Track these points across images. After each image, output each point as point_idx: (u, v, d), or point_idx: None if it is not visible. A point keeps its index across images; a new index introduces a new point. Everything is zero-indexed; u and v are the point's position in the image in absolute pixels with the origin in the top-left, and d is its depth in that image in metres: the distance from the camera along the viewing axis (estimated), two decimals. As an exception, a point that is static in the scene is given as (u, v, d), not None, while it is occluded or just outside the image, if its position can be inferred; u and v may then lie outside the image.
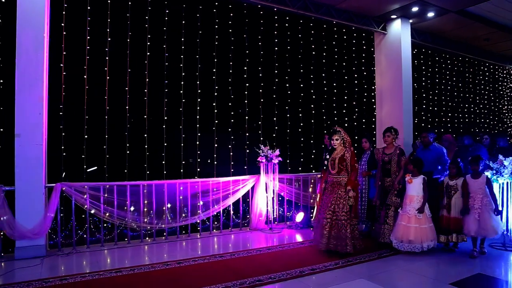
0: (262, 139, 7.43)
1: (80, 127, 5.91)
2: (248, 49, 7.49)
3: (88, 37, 5.98)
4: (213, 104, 7.05)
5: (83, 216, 5.74)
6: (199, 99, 6.89)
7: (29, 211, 5.06)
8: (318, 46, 8.47)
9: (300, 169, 8.00)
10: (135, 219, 5.92)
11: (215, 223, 6.81)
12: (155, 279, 4.34)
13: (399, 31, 8.67)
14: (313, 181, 7.59)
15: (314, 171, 7.99)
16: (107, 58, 6.12)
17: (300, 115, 8.17)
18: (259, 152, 6.84)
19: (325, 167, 5.64)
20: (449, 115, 11.12)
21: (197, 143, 6.83)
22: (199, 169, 6.82)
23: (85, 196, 5.55)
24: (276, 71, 7.85)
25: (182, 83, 6.75)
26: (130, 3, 6.32)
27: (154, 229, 6.11)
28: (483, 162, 5.67)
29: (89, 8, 6.00)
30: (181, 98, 6.74)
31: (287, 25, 8.03)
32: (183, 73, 6.77)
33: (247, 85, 7.45)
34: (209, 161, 6.96)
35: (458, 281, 4.20)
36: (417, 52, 10.06)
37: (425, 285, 4.22)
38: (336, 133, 5.43)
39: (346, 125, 8.81)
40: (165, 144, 6.54)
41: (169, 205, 6.22)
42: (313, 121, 8.32)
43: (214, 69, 7.09)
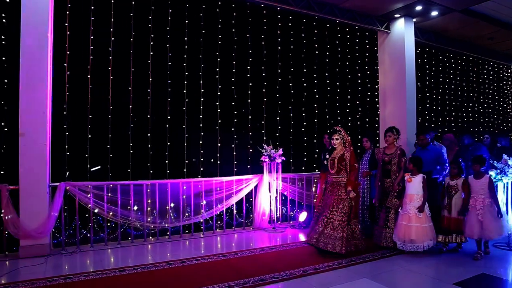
0: (265, 138, 7.43)
1: (83, 127, 5.93)
2: (251, 49, 7.49)
3: (91, 37, 6.00)
4: (216, 103, 7.05)
5: (86, 215, 5.75)
6: (202, 99, 6.90)
7: (33, 210, 5.09)
8: (321, 45, 8.46)
9: (303, 168, 7.99)
10: (138, 218, 5.93)
11: (218, 222, 6.82)
12: (158, 278, 4.35)
13: (403, 30, 8.63)
14: (316, 180, 7.58)
15: (317, 170, 7.98)
16: (110, 57, 6.13)
17: (303, 114, 8.16)
18: (262, 151, 6.83)
19: (322, 167, 5.62)
20: (453, 114, 11.07)
21: (200, 142, 6.84)
22: (202, 169, 6.82)
23: (89, 195, 5.57)
24: (279, 71, 7.84)
25: (185, 82, 6.76)
26: (133, 3, 6.32)
27: (157, 228, 6.13)
28: (487, 162, 5.58)
29: (92, 7, 6.01)
30: (184, 97, 6.74)
31: (290, 24, 8.02)
32: (186, 72, 6.78)
33: (250, 84, 7.45)
34: (212, 160, 6.97)
35: (461, 281, 4.18)
36: (420, 51, 10.02)
37: (429, 285, 4.21)
38: (336, 132, 5.41)
39: (349, 124, 8.80)
40: (168, 143, 6.54)
41: (172, 205, 6.23)
42: (316, 120, 8.31)
43: (217, 69, 7.09)
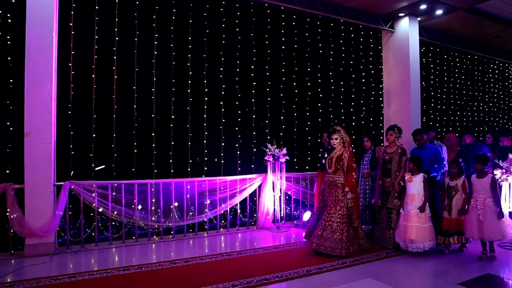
0: (269, 138, 7.42)
1: (88, 126, 5.95)
2: (255, 48, 7.48)
3: (96, 37, 6.01)
4: (220, 103, 7.05)
5: (91, 214, 5.78)
6: (206, 98, 6.90)
7: (38, 209, 5.11)
8: (325, 44, 8.43)
9: (307, 168, 7.98)
10: (142, 217, 5.95)
11: (222, 221, 6.83)
12: (162, 277, 4.36)
13: (407, 29, 8.59)
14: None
15: (321, 170, 7.97)
16: (115, 57, 6.15)
17: (307, 113, 8.14)
18: (266, 151, 6.83)
19: (319, 165, 5.59)
20: (458, 113, 11.01)
21: (204, 142, 6.84)
22: (206, 168, 6.83)
23: (93, 194, 5.59)
24: (283, 70, 7.83)
25: (189, 82, 6.76)
26: (137, 3, 6.34)
27: (161, 227, 6.14)
28: (490, 161, 5.46)
29: (97, 7, 6.03)
30: (188, 97, 6.75)
31: (294, 23, 8.00)
32: (190, 72, 6.78)
33: (254, 84, 7.44)
34: (216, 160, 6.97)
35: (466, 281, 4.16)
36: (425, 50, 9.98)
37: (433, 285, 4.19)
38: (335, 132, 5.38)
39: (353, 124, 8.78)
40: (173, 143, 6.56)
41: (177, 204, 6.24)
42: (320, 119, 8.29)
43: (221, 68, 7.09)
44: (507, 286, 4.24)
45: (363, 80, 9.03)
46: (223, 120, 7.05)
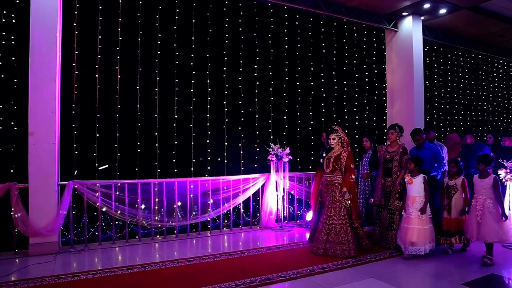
0: (272, 137, 7.42)
1: (91, 126, 5.97)
2: (258, 48, 7.48)
3: (99, 37, 6.03)
4: (223, 102, 7.05)
5: (95, 213, 5.79)
6: (209, 98, 6.91)
7: (42, 209, 5.14)
8: (328, 44, 8.42)
9: (310, 167, 7.96)
10: (146, 217, 5.96)
11: (225, 221, 6.83)
12: (165, 276, 4.37)
13: (411, 29, 8.57)
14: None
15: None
16: (118, 57, 6.16)
17: (310, 113, 8.13)
18: (270, 150, 6.82)
19: (319, 165, 5.55)
20: (462, 113, 10.97)
21: (207, 141, 6.85)
22: (209, 168, 6.83)
23: (97, 194, 5.61)
24: (286, 70, 7.82)
25: (192, 81, 6.77)
26: (141, 3, 6.35)
27: (164, 227, 6.15)
28: (493, 162, 5.31)
29: (100, 7, 6.04)
30: (192, 96, 6.76)
31: (297, 23, 7.99)
32: (193, 72, 6.79)
33: (257, 83, 7.44)
34: (219, 159, 6.98)
35: (470, 281, 4.15)
36: (428, 49, 9.94)
37: (437, 285, 4.18)
38: (333, 132, 5.34)
39: (356, 123, 8.76)
40: (176, 142, 6.56)
41: (180, 203, 6.25)
42: (323, 119, 8.28)
43: (224, 68, 7.09)
44: (511, 287, 4.22)
45: (366, 79, 9.01)
46: (226, 119, 7.06)
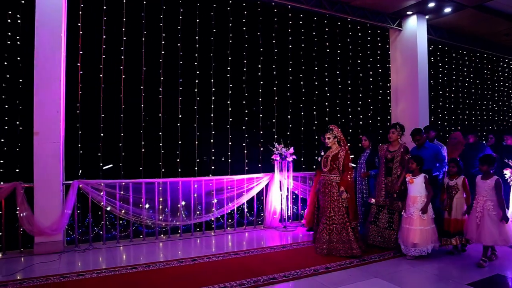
0: (276, 137, 7.42)
1: (96, 125, 5.99)
2: (262, 47, 7.48)
3: (104, 36, 6.05)
4: (227, 102, 7.06)
5: (99, 213, 5.82)
6: (213, 97, 6.91)
7: (47, 208, 5.17)
8: (332, 43, 8.40)
9: (314, 167, 7.92)
10: (150, 216, 5.98)
11: (229, 221, 6.84)
12: (169, 275, 4.38)
13: (415, 28, 8.54)
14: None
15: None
16: (122, 57, 6.18)
17: (314, 113, 8.12)
18: (274, 150, 6.82)
19: (318, 165, 5.51)
20: (466, 112, 10.91)
21: (211, 141, 6.85)
22: (213, 167, 6.84)
23: (101, 193, 5.63)
24: (290, 69, 7.81)
25: (196, 81, 6.78)
26: (145, 3, 6.36)
27: (168, 226, 6.17)
28: (496, 162, 5.12)
29: (105, 7, 6.06)
30: (196, 96, 6.76)
31: (301, 22, 7.98)
32: (197, 71, 6.80)
33: (261, 83, 7.44)
34: (223, 159, 6.98)
35: (475, 282, 4.12)
36: (433, 48, 9.90)
37: (441, 285, 4.15)
38: (328, 131, 5.30)
39: (360, 123, 8.74)
40: (180, 142, 6.58)
41: (184, 203, 6.26)
42: (327, 119, 8.26)
43: (228, 67, 7.10)
44: (516, 286, 4.20)
45: (371, 79, 8.98)
46: (230, 119, 7.06)
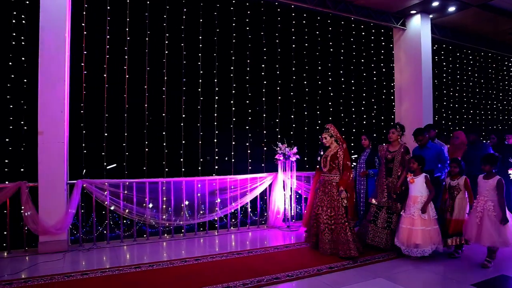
0: (279, 136, 7.42)
1: (100, 125, 6.01)
2: (265, 47, 7.47)
3: (107, 37, 6.07)
4: (231, 101, 7.06)
5: (103, 212, 5.84)
6: (216, 97, 6.92)
7: (51, 207, 5.19)
8: (336, 42, 8.39)
9: (318, 166, 7.92)
10: (153, 216, 5.99)
11: (233, 220, 6.84)
12: (173, 275, 4.39)
13: (419, 27, 8.51)
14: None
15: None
16: (126, 57, 6.19)
17: (318, 112, 8.11)
18: (277, 149, 6.82)
19: (318, 165, 5.49)
20: (471, 112, 10.86)
21: (215, 140, 6.86)
22: (216, 167, 6.85)
23: (105, 192, 5.65)
24: (293, 69, 7.80)
25: (200, 81, 6.78)
26: (148, 3, 6.38)
27: (172, 226, 6.18)
28: (499, 162, 5.02)
29: (108, 8, 6.08)
30: (199, 96, 6.77)
31: (305, 22, 7.97)
32: (200, 71, 6.80)
33: (265, 82, 7.43)
34: (227, 158, 6.98)
35: (480, 282, 4.10)
36: (437, 47, 9.86)
37: (446, 285, 4.14)
38: (324, 131, 5.28)
39: (364, 122, 8.72)
40: (183, 141, 6.58)
41: (187, 202, 6.27)
42: (331, 118, 8.24)
43: (231, 67, 7.10)
44: (521, 287, 4.18)
45: (374, 78, 8.96)
46: (234, 119, 7.06)
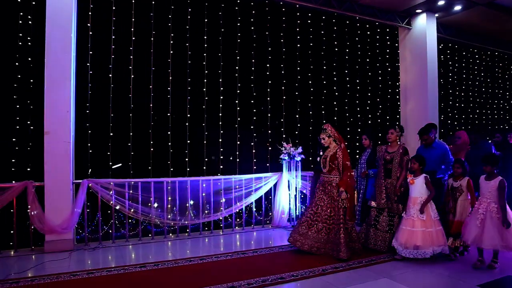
0: (284, 136, 7.41)
1: (105, 125, 6.04)
2: (270, 47, 7.47)
3: (113, 37, 6.09)
4: (236, 101, 7.06)
5: (108, 211, 5.87)
6: (221, 97, 6.92)
7: (57, 206, 5.22)
8: (341, 42, 8.36)
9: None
10: (158, 215, 6.01)
11: (238, 220, 6.85)
12: (178, 274, 4.40)
13: (424, 26, 8.46)
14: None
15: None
16: (131, 57, 6.22)
17: (322, 112, 8.09)
18: (282, 149, 6.82)
19: (317, 166, 5.44)
20: (477, 111, 10.78)
21: (220, 140, 6.87)
22: (221, 166, 6.85)
23: (111, 192, 5.68)
24: (298, 68, 7.79)
25: (205, 81, 6.79)
26: (153, 3, 6.39)
27: (177, 225, 6.19)
28: (500, 163, 4.86)
29: (114, 8, 6.11)
30: (204, 96, 6.78)
31: (310, 21, 7.96)
32: (205, 71, 6.81)
33: (270, 82, 7.43)
34: (232, 158, 6.99)
35: (486, 283, 4.07)
36: (443, 47, 9.80)
37: (451, 286, 4.12)
38: (321, 131, 5.24)
39: (369, 122, 8.69)
40: (188, 141, 6.60)
41: (192, 202, 6.29)
42: (336, 118, 8.23)
43: (236, 67, 7.10)
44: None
45: (380, 78, 8.92)
46: (239, 118, 7.07)
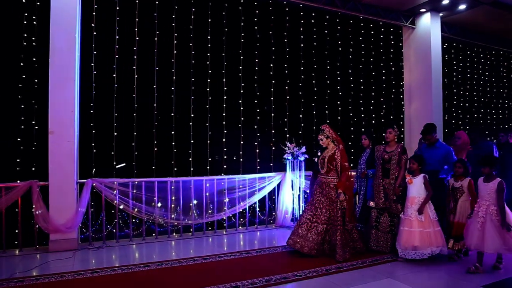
0: (288, 136, 7.41)
1: (109, 125, 6.06)
2: (274, 46, 7.47)
3: (117, 37, 6.11)
4: (239, 101, 7.07)
5: (112, 211, 5.88)
6: (225, 97, 6.93)
7: (62, 206, 5.25)
8: (344, 41, 8.35)
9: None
10: (162, 215, 6.03)
11: (241, 220, 6.85)
12: (182, 274, 4.41)
13: (429, 25, 8.43)
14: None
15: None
16: (135, 57, 6.24)
17: (326, 112, 8.08)
18: (285, 149, 6.81)
19: (316, 166, 5.40)
20: (481, 111, 10.73)
21: (223, 140, 6.87)
22: (225, 166, 6.86)
23: (115, 192, 5.70)
24: (302, 68, 7.79)
25: (208, 80, 6.80)
26: (157, 3, 6.41)
27: (181, 225, 6.21)
28: (498, 164, 4.75)
29: (118, 8, 6.13)
30: (207, 95, 6.79)
31: (313, 21, 7.95)
32: (209, 71, 6.82)
33: (273, 82, 7.43)
34: (235, 158, 6.99)
35: (490, 284, 4.04)
36: (447, 46, 9.76)
37: (456, 287, 4.10)
38: (319, 132, 5.22)
39: (373, 122, 8.66)
40: (192, 141, 6.61)
41: (196, 202, 6.30)
42: (339, 118, 8.22)
43: (240, 67, 7.10)
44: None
45: (383, 77, 8.90)
46: (242, 118, 7.07)
